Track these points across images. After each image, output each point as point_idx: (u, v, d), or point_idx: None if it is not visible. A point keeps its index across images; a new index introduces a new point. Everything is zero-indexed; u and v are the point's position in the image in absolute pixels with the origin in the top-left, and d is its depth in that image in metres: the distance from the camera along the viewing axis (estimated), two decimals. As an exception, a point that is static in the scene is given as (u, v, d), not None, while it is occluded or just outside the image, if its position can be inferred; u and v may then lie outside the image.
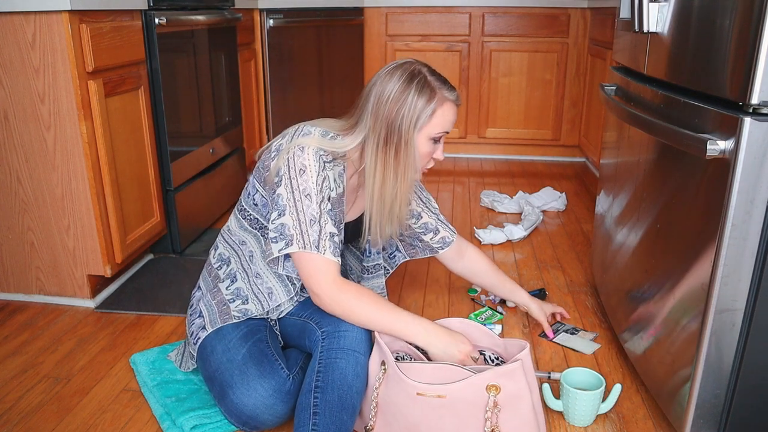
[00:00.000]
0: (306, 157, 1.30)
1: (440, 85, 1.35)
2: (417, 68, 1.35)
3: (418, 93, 1.32)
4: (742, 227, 1.11)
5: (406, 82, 1.32)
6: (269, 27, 3.08)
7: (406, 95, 1.32)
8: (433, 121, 1.34)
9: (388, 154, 1.34)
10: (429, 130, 1.35)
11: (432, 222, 1.68)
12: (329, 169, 1.34)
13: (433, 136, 1.36)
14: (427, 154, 1.38)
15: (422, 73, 1.34)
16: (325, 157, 1.34)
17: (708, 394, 1.22)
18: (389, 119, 1.32)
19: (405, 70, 1.34)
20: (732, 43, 1.10)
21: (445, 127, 1.37)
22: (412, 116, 1.32)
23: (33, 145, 1.79)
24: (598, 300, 1.99)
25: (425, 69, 1.36)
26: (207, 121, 2.49)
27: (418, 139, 1.35)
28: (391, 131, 1.33)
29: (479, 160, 3.75)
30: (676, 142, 1.24)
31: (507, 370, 1.22)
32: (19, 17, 1.68)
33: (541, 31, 3.49)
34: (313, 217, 1.29)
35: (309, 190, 1.29)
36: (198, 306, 1.48)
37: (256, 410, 1.28)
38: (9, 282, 1.97)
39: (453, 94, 1.37)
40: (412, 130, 1.33)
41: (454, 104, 1.37)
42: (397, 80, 1.33)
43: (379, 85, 1.34)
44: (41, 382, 1.56)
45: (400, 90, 1.32)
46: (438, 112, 1.34)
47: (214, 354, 1.36)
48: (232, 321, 1.40)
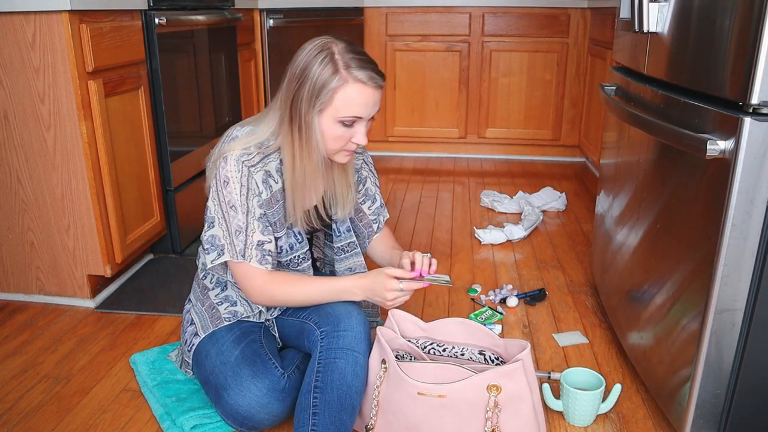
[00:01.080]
0: (228, 168, 1.27)
1: (350, 63, 1.22)
2: (327, 43, 1.23)
3: (320, 70, 1.21)
4: (742, 227, 1.11)
5: (311, 57, 1.22)
6: (269, 27, 3.08)
7: (308, 71, 1.22)
8: (335, 102, 1.23)
9: (294, 134, 1.27)
10: (333, 113, 1.24)
11: (372, 188, 1.58)
12: (258, 170, 1.30)
13: (340, 119, 1.24)
14: (338, 137, 1.27)
15: (330, 49, 1.22)
16: (250, 160, 1.29)
17: (708, 394, 1.22)
18: (291, 96, 1.25)
19: (315, 45, 1.24)
20: (732, 43, 1.10)
21: (353, 111, 1.24)
22: (311, 94, 1.22)
23: (33, 145, 1.79)
24: (598, 300, 1.99)
25: (339, 45, 1.24)
26: (207, 121, 2.49)
27: (322, 121, 1.25)
28: (294, 110, 1.25)
29: (479, 160, 3.75)
30: (676, 142, 1.24)
31: (508, 370, 1.22)
32: (19, 17, 1.68)
33: (541, 31, 3.49)
34: (239, 228, 1.29)
35: (233, 201, 1.28)
36: (189, 315, 1.49)
37: (251, 410, 1.28)
38: (9, 282, 1.97)
39: (364, 73, 1.22)
40: (311, 110, 1.23)
41: (365, 85, 1.23)
42: (305, 55, 1.23)
43: (292, 61, 1.25)
44: (41, 382, 1.56)
45: (303, 65, 1.23)
46: (340, 93, 1.22)
47: (208, 358, 1.36)
48: (223, 324, 1.40)
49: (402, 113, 3.75)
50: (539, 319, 1.87)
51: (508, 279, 2.13)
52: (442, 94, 3.69)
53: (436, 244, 2.44)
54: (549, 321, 1.86)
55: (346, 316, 1.32)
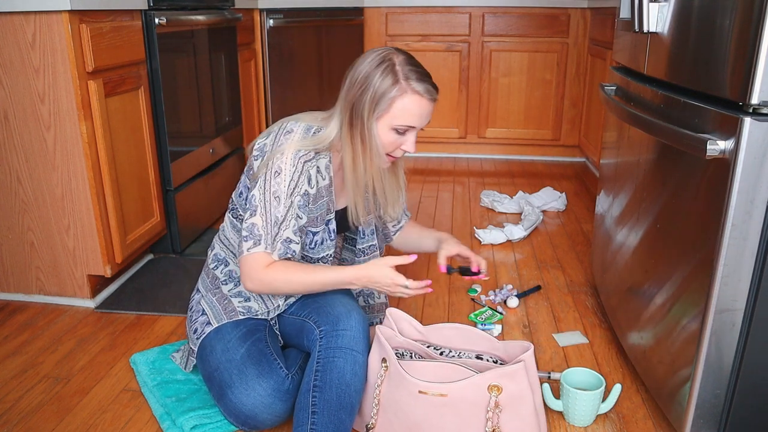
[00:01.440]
0: (284, 160, 1.30)
1: (410, 75, 1.28)
2: (389, 54, 1.29)
3: (382, 79, 1.27)
4: (742, 227, 1.11)
5: (374, 67, 1.28)
6: (269, 27, 3.08)
7: (370, 80, 1.27)
8: (393, 111, 1.29)
9: (355, 138, 1.31)
10: (389, 120, 1.30)
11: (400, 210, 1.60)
12: (311, 166, 1.34)
13: (395, 126, 1.30)
14: (390, 143, 1.33)
15: (392, 60, 1.28)
16: (307, 155, 1.33)
17: (708, 394, 1.22)
18: (353, 102, 1.30)
19: (378, 54, 1.30)
20: (732, 43, 1.10)
21: (408, 120, 1.30)
22: (372, 102, 1.28)
23: (33, 145, 1.79)
24: (598, 300, 1.99)
25: (400, 57, 1.30)
26: (207, 121, 2.49)
27: (379, 127, 1.30)
28: (354, 115, 1.30)
29: (479, 160, 3.75)
30: (676, 142, 1.24)
31: (509, 370, 1.22)
32: (19, 17, 1.68)
33: (541, 31, 3.49)
34: (277, 220, 1.31)
35: (279, 192, 1.30)
36: (199, 305, 1.48)
37: (254, 409, 1.28)
38: (9, 282, 1.97)
39: (422, 86, 1.28)
40: (371, 116, 1.29)
41: (421, 97, 1.29)
42: (367, 64, 1.29)
43: (353, 68, 1.31)
44: (41, 382, 1.56)
45: (365, 74, 1.28)
46: (398, 103, 1.28)
47: (213, 354, 1.36)
48: (237, 317, 1.41)
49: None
50: (539, 319, 1.87)
51: (508, 279, 2.13)
52: (442, 94, 3.69)
53: (436, 244, 2.43)
54: (549, 321, 1.86)
55: (346, 316, 1.32)
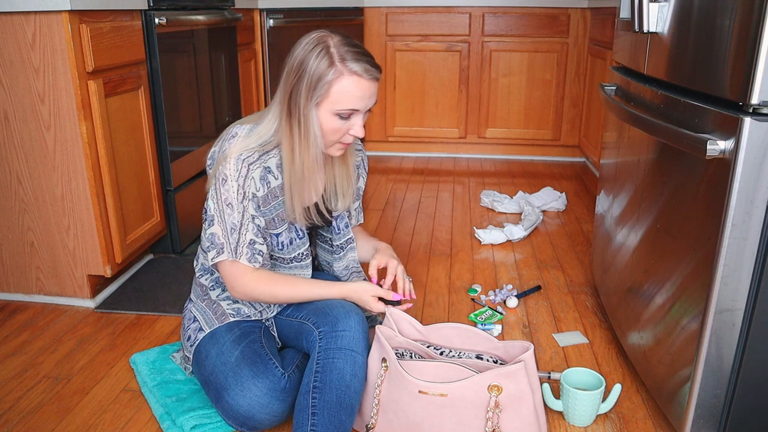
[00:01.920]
0: (228, 166, 1.29)
1: (346, 56, 1.23)
2: (323, 37, 1.25)
3: (317, 63, 1.22)
4: (742, 227, 1.11)
5: (308, 51, 1.24)
6: (269, 27, 3.08)
7: (305, 65, 1.23)
8: (332, 95, 1.24)
9: (293, 128, 1.28)
10: (329, 106, 1.25)
11: (362, 188, 1.59)
12: (256, 167, 1.31)
13: (337, 111, 1.26)
14: (335, 130, 1.29)
15: (326, 42, 1.24)
16: (250, 157, 1.30)
17: (708, 394, 1.22)
18: (289, 90, 1.26)
19: (312, 38, 1.25)
20: (732, 43, 1.10)
21: (350, 104, 1.25)
22: (308, 88, 1.24)
23: (33, 145, 1.79)
24: (598, 300, 1.99)
25: (335, 38, 1.25)
26: (207, 121, 2.49)
27: (320, 114, 1.26)
28: (292, 104, 1.26)
29: (479, 160, 3.75)
30: (676, 142, 1.24)
31: (509, 370, 1.22)
32: (19, 17, 1.68)
33: (541, 31, 3.49)
34: (234, 226, 1.31)
35: (230, 199, 1.30)
36: (191, 313, 1.49)
37: (251, 410, 1.28)
38: (9, 282, 1.97)
39: (359, 66, 1.23)
40: (308, 103, 1.25)
41: (360, 78, 1.24)
42: (301, 49, 1.25)
43: (289, 55, 1.27)
44: (41, 382, 1.56)
45: (300, 59, 1.24)
46: (336, 86, 1.23)
47: (208, 358, 1.36)
48: (228, 320, 1.41)
49: (402, 113, 3.75)
50: (539, 319, 1.87)
51: (508, 279, 2.13)
52: (442, 94, 3.69)
53: (436, 244, 2.44)
54: (549, 321, 1.86)
55: (345, 317, 1.32)
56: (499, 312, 1.89)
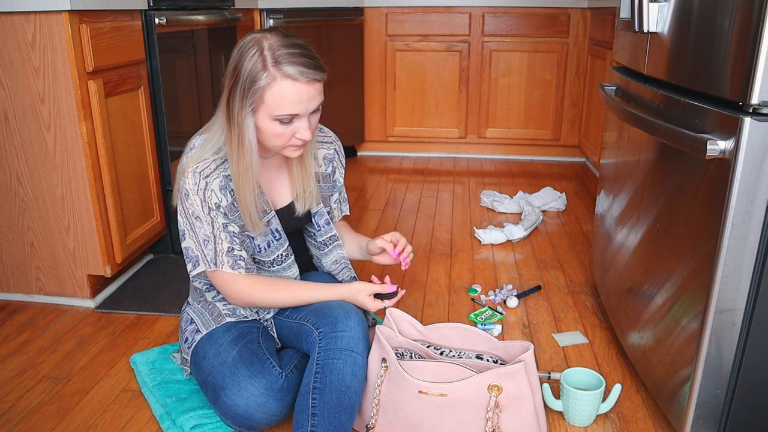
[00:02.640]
0: (186, 180, 1.28)
1: (281, 59, 1.17)
2: (259, 38, 1.19)
3: (250, 67, 1.17)
4: (742, 227, 1.11)
5: (242, 54, 1.18)
6: (269, 27, 3.08)
7: (239, 69, 1.18)
8: (267, 101, 1.19)
9: (232, 135, 1.24)
10: (267, 111, 1.20)
11: (340, 180, 1.55)
12: (215, 177, 1.29)
13: (276, 117, 1.20)
14: (278, 135, 1.23)
15: (260, 44, 1.17)
16: (206, 170, 1.28)
17: (708, 394, 1.22)
18: (227, 96, 1.22)
19: (248, 39, 1.20)
20: (732, 43, 1.10)
21: (287, 109, 1.19)
22: (242, 95, 1.19)
23: (33, 145, 1.79)
24: (598, 300, 1.99)
25: (271, 39, 1.19)
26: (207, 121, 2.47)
27: (258, 120, 1.22)
28: (230, 111, 1.22)
29: (479, 160, 3.75)
30: (676, 142, 1.24)
31: (509, 371, 1.22)
32: (19, 17, 1.68)
33: (541, 31, 3.49)
34: (207, 237, 1.31)
35: (197, 212, 1.29)
36: (188, 315, 1.49)
37: (249, 410, 1.28)
38: (9, 282, 1.97)
39: (295, 69, 1.17)
40: (243, 110, 1.20)
41: (295, 82, 1.18)
42: (237, 51, 1.20)
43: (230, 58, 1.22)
44: (41, 382, 1.56)
45: (234, 63, 1.20)
46: (270, 92, 1.18)
47: (206, 359, 1.37)
48: (225, 320, 1.41)
49: (402, 113, 3.75)
50: (539, 319, 1.87)
51: (508, 279, 2.13)
52: (442, 94, 3.69)
53: (436, 244, 2.44)
54: (549, 321, 1.86)
55: (344, 317, 1.32)
56: (499, 312, 1.89)
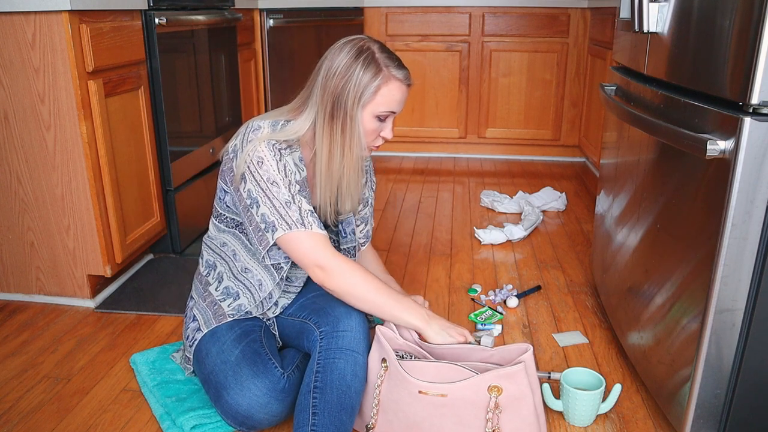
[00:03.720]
0: (260, 149, 1.31)
1: (389, 63, 1.32)
2: (366, 44, 1.33)
3: (364, 69, 1.30)
4: (742, 227, 1.11)
5: (353, 57, 1.31)
6: (269, 27, 3.08)
7: (352, 70, 1.30)
8: (377, 98, 1.32)
9: (335, 130, 1.33)
10: (373, 108, 1.33)
11: (369, 211, 1.62)
12: (287, 155, 1.34)
13: (378, 113, 1.33)
14: (372, 131, 1.36)
15: (370, 49, 1.32)
16: (280, 145, 1.33)
17: (708, 394, 1.22)
18: (335, 94, 1.31)
19: (354, 45, 1.32)
20: (732, 43, 1.10)
21: (391, 107, 1.34)
22: (356, 91, 1.30)
23: (33, 145, 1.79)
24: (598, 300, 1.99)
25: (376, 45, 1.34)
26: (207, 121, 2.49)
27: (363, 116, 1.33)
28: (337, 106, 1.32)
29: (479, 160, 3.75)
30: (676, 142, 1.24)
31: (509, 371, 1.22)
32: (19, 17, 1.68)
33: (541, 31, 3.49)
34: (288, 200, 1.30)
35: (273, 177, 1.30)
36: (191, 312, 1.49)
37: (250, 410, 1.28)
38: (9, 282, 1.97)
39: (401, 73, 1.33)
40: (356, 105, 1.31)
41: (401, 83, 1.34)
42: (345, 55, 1.31)
43: (329, 60, 1.33)
44: (41, 382, 1.56)
45: (346, 65, 1.31)
46: (383, 90, 1.32)
47: (208, 357, 1.37)
48: (227, 320, 1.40)
49: (402, 113, 3.75)
50: (539, 319, 1.87)
51: (508, 279, 2.13)
52: (442, 94, 3.69)
53: (436, 244, 2.44)
54: (549, 321, 1.86)
55: (346, 317, 1.32)
56: (499, 312, 1.89)
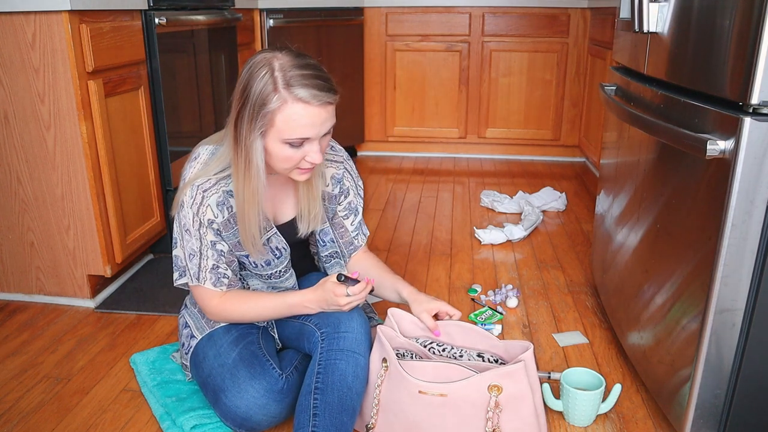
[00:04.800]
0: (185, 192, 1.27)
1: (292, 81, 1.12)
2: (270, 58, 1.14)
3: (260, 89, 1.12)
4: (742, 227, 1.11)
5: (252, 74, 1.14)
6: (269, 27, 3.08)
7: (248, 90, 1.14)
8: (277, 125, 1.14)
9: (239, 156, 1.19)
10: (276, 134, 1.16)
11: (355, 201, 1.51)
12: (213, 192, 1.26)
13: (286, 140, 1.16)
14: (286, 158, 1.19)
15: (270, 65, 1.13)
16: (205, 183, 1.26)
17: (708, 394, 1.22)
18: (235, 117, 1.17)
19: (257, 59, 1.15)
20: (732, 43, 1.10)
21: (298, 133, 1.15)
22: (251, 117, 1.14)
23: (33, 145, 1.79)
24: (598, 300, 1.99)
25: (282, 59, 1.14)
26: (207, 121, 2.49)
27: (268, 143, 1.17)
28: (237, 132, 1.17)
29: (479, 160, 3.75)
30: (676, 142, 1.24)
31: (509, 370, 1.22)
32: (19, 17, 1.68)
33: (541, 31, 3.49)
34: (193, 251, 1.30)
35: (187, 225, 1.29)
36: (183, 319, 1.49)
37: (249, 411, 1.28)
38: (9, 282, 1.97)
39: (307, 92, 1.13)
40: (252, 133, 1.15)
41: (307, 105, 1.14)
42: (246, 71, 1.15)
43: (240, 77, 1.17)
44: (41, 382, 1.56)
45: (244, 83, 1.15)
46: (280, 115, 1.13)
47: (206, 360, 1.37)
48: (218, 325, 1.41)
49: (402, 113, 3.75)
50: (539, 319, 1.87)
51: (508, 279, 2.13)
52: (442, 94, 3.69)
53: (436, 244, 2.44)
54: (549, 321, 1.86)
55: (347, 318, 1.32)
56: (499, 312, 1.89)
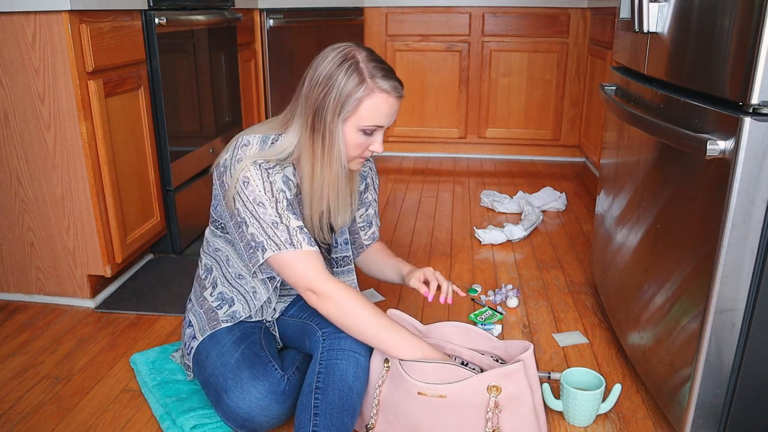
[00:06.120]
0: (246, 169, 1.26)
1: (375, 73, 1.23)
2: (352, 51, 1.23)
3: (346, 79, 1.21)
4: (742, 227, 1.11)
5: (336, 66, 1.22)
6: (269, 27, 3.08)
7: (333, 80, 1.21)
8: (360, 111, 1.23)
9: (316, 144, 1.26)
10: (356, 121, 1.24)
11: (372, 213, 1.58)
12: (275, 173, 1.28)
13: (362, 127, 1.25)
14: (357, 145, 1.28)
15: (355, 57, 1.23)
16: (267, 164, 1.28)
17: (708, 394, 1.22)
18: (315, 105, 1.24)
19: (339, 52, 1.24)
20: (732, 43, 1.10)
21: (377, 120, 1.25)
22: (337, 104, 1.22)
23: (33, 145, 1.79)
24: (598, 300, 1.99)
25: (363, 53, 1.24)
26: (207, 121, 2.49)
27: (346, 130, 1.25)
28: (317, 118, 1.24)
29: (479, 160, 3.75)
30: (676, 142, 1.24)
31: (508, 371, 1.22)
32: (19, 17, 1.68)
33: (541, 31, 3.49)
34: (274, 220, 1.26)
35: (259, 197, 1.26)
36: (188, 316, 1.49)
37: (251, 412, 1.28)
38: (9, 282, 1.97)
39: (389, 83, 1.23)
40: (336, 118, 1.23)
41: (388, 96, 1.24)
42: (328, 63, 1.23)
43: (312, 69, 1.25)
44: (41, 382, 1.56)
45: (327, 74, 1.22)
46: (366, 103, 1.23)
47: (208, 359, 1.36)
48: (220, 326, 1.40)
49: (402, 113, 3.75)
50: (539, 319, 1.87)
51: (508, 279, 2.13)
52: (442, 94, 3.69)
53: (436, 244, 2.44)
54: (549, 321, 1.86)
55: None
56: (499, 312, 1.89)
